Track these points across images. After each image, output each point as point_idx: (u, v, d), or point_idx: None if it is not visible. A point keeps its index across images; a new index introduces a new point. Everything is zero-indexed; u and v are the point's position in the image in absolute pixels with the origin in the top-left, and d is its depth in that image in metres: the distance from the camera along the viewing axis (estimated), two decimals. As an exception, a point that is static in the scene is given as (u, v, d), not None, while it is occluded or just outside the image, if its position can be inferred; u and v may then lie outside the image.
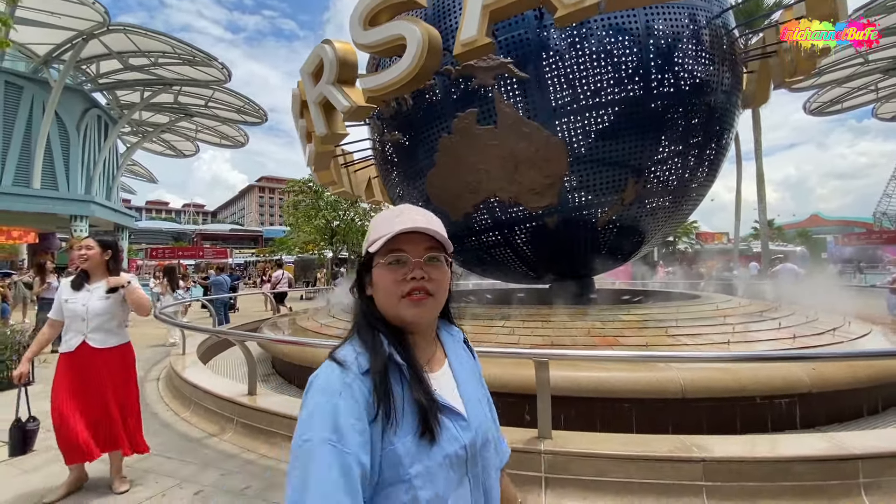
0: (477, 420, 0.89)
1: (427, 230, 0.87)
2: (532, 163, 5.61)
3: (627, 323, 5.52)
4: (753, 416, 3.99)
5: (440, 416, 0.83)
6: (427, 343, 0.94)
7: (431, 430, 0.80)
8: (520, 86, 5.49)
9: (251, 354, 4.43)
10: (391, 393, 0.80)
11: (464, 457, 0.84)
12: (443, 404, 0.85)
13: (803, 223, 58.46)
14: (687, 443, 2.92)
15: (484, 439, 0.89)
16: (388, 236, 0.86)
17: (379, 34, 4.85)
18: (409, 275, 0.86)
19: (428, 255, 0.88)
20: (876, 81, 25.76)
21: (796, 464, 2.71)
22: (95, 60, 23.48)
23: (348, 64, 5.33)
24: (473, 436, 0.86)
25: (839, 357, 3.98)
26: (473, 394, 0.94)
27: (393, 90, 4.92)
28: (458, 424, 0.85)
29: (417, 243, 0.87)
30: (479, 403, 0.94)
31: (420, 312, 0.87)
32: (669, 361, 3.88)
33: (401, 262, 0.87)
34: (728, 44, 6.09)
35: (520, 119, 5.48)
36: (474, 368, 1.01)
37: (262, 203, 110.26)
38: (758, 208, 21.98)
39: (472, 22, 4.39)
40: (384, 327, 0.89)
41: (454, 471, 0.82)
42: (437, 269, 0.88)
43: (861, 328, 5.74)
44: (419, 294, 0.86)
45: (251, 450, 3.70)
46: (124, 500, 2.95)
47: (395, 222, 0.87)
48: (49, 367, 6.96)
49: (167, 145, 34.33)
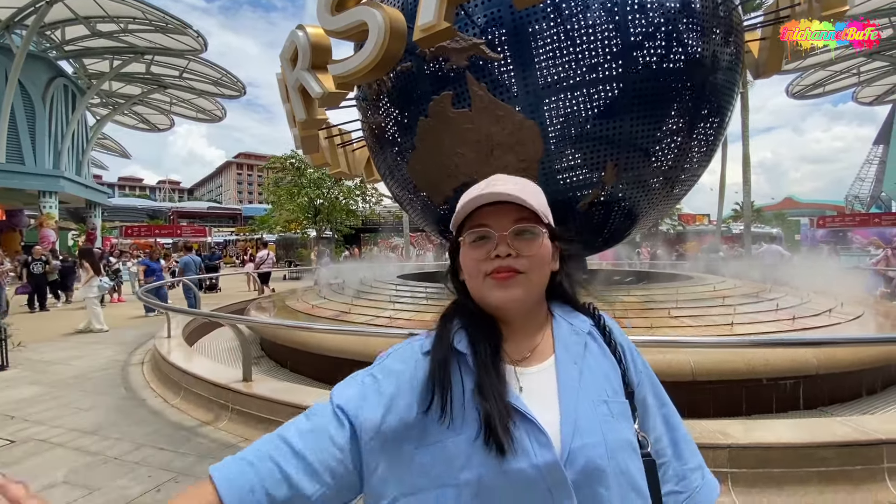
0: (573, 438, 0.67)
1: (514, 197, 0.74)
2: (507, 147, 5.43)
3: (629, 304, 5.47)
4: (759, 398, 3.99)
5: (511, 422, 0.66)
6: (528, 333, 0.78)
7: (496, 437, 0.64)
8: (493, 67, 5.22)
9: (245, 339, 4.20)
10: (449, 385, 0.69)
11: (539, 479, 0.64)
12: (516, 409, 0.67)
13: (778, 205, 59.96)
14: (711, 429, 2.84)
15: (589, 467, 0.66)
16: (468, 211, 0.77)
17: (344, 20, 4.80)
18: (494, 252, 0.74)
19: (515, 227, 0.75)
20: (859, 65, 26.12)
21: (821, 449, 2.66)
22: (60, 26, 22.02)
23: (320, 49, 5.32)
24: (555, 458, 0.65)
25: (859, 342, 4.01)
26: (584, 404, 0.70)
27: (360, 76, 4.89)
28: (533, 439, 0.66)
29: (503, 215, 0.75)
30: (594, 418, 0.69)
31: (507, 294, 0.73)
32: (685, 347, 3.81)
33: (484, 237, 0.75)
34: (725, 13, 5.70)
35: (493, 102, 5.26)
36: (608, 369, 0.77)
37: (240, 180, 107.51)
38: (742, 191, 22.28)
39: (431, 6, 4.18)
40: (474, 314, 0.77)
41: (520, 493, 0.65)
42: (530, 244, 0.75)
43: (855, 309, 5.81)
44: (504, 273, 0.73)
45: (249, 438, 3.51)
46: (115, 495, 2.74)
47: (479, 196, 0.76)
48: (24, 352, 6.63)
49: (140, 118, 32.82)
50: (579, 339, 0.78)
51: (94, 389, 4.87)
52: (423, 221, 7.66)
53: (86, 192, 26.91)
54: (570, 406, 0.70)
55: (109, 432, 3.71)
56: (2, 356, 5.72)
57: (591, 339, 0.80)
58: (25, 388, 4.94)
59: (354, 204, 25.21)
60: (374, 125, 6.68)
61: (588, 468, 0.66)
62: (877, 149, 62.37)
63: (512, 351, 0.75)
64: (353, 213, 25.37)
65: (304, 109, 5.70)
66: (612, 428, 0.70)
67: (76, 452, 3.35)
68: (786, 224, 47.29)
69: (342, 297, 6.82)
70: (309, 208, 23.81)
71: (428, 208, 6.77)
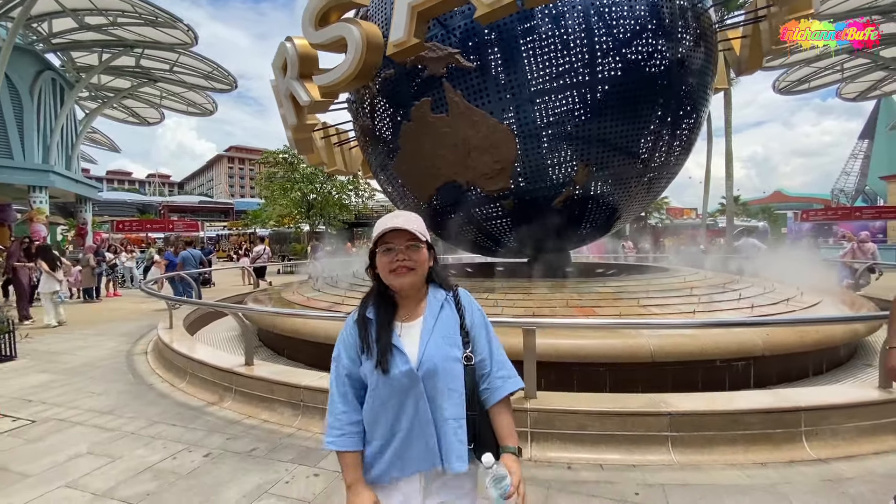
0: (424, 357, 1.28)
1: (405, 227, 1.31)
2: (483, 149, 5.80)
3: (603, 294, 5.87)
4: (714, 378, 4.40)
5: (390, 353, 1.28)
6: (413, 303, 1.38)
7: (382, 363, 1.27)
8: (468, 75, 5.56)
9: (248, 326, 4.56)
10: (368, 336, 1.32)
11: (405, 381, 1.27)
12: (394, 345, 1.29)
13: (767, 199, 60.76)
14: (655, 399, 3.27)
15: (430, 371, 1.27)
16: (380, 233, 1.32)
17: (326, 35, 5.36)
18: (395, 258, 1.30)
19: (407, 243, 1.31)
20: (842, 62, 26.66)
21: (747, 415, 3.10)
22: (47, 18, 21.85)
23: (307, 59, 5.87)
24: (412, 367, 1.27)
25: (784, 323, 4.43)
26: (434, 339, 1.31)
27: (342, 86, 5.51)
28: (400, 359, 1.28)
29: (401, 237, 1.31)
30: (435, 346, 1.30)
31: (402, 282, 1.32)
32: (642, 328, 4.24)
33: (390, 249, 1.31)
34: (693, 18, 5.95)
35: (469, 107, 5.63)
36: (452, 319, 1.36)
37: (232, 174, 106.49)
38: (725, 185, 22.80)
39: (401, 23, 4.68)
40: (380, 294, 1.39)
41: (397, 387, 1.27)
42: (416, 253, 1.32)
43: (813, 298, 6.27)
44: (401, 269, 1.30)
45: (252, 416, 3.89)
46: (137, 462, 3.10)
47: (386, 224, 1.32)
48: (31, 343, 6.92)
49: (130, 112, 32.52)
50: (437, 304, 1.38)
51: (103, 376, 5.20)
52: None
53: (76, 187, 26.83)
54: (424, 341, 1.32)
55: (123, 412, 4.07)
56: (10, 347, 6.02)
57: (447, 303, 1.39)
58: (36, 376, 5.26)
59: (347, 198, 25.43)
60: (363, 127, 7.04)
61: (429, 370, 1.28)
62: (861, 143, 63.43)
63: (402, 314, 1.37)
64: (345, 207, 25.60)
65: (295, 115, 6.18)
66: (444, 350, 1.31)
67: (95, 429, 3.70)
68: (772, 218, 48.09)
69: (336, 289, 7.18)
70: (302, 203, 24.00)
71: (417, 204, 7.14)
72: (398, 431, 1.28)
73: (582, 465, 3.00)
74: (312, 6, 5.40)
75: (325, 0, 5.37)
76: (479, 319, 1.41)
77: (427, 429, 1.27)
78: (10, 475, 2.99)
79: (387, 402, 1.28)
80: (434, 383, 1.27)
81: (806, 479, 2.77)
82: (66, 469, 3.04)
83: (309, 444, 3.37)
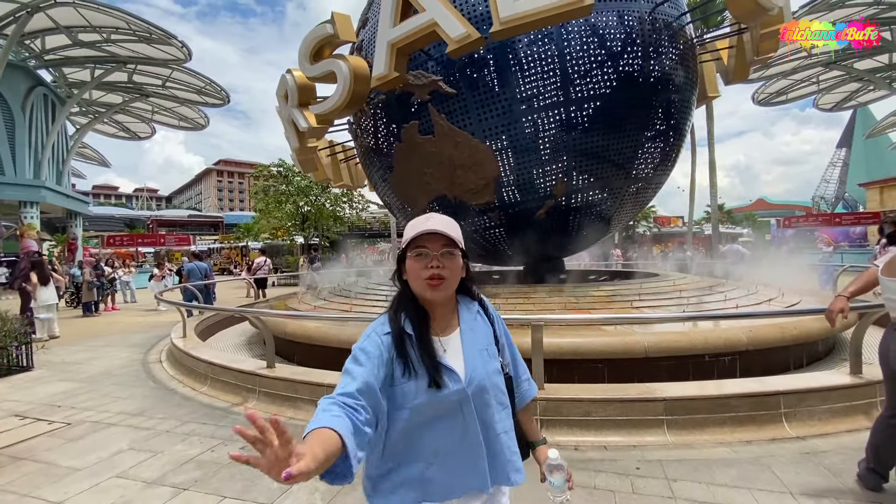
0: (473, 373, 1.20)
1: (442, 231, 1.19)
2: (467, 167, 6.26)
3: (598, 298, 6.24)
4: (703, 372, 4.77)
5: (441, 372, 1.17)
6: (446, 313, 1.28)
7: (437, 383, 1.15)
8: (451, 99, 6.00)
9: (269, 330, 4.83)
10: (407, 353, 1.17)
11: (455, 399, 1.17)
12: (442, 364, 1.18)
13: (751, 207, 62.26)
14: (652, 387, 3.62)
15: (479, 387, 1.20)
16: (414, 235, 1.20)
17: (319, 69, 6.06)
18: (429, 264, 1.18)
19: (443, 249, 1.19)
20: (818, 74, 27.83)
21: (734, 399, 3.45)
22: (41, 35, 21.98)
23: (305, 89, 6.54)
24: (464, 386, 1.18)
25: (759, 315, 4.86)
26: (475, 353, 1.24)
27: (335, 114, 6.18)
28: (451, 378, 1.17)
29: (436, 241, 1.19)
30: (480, 360, 1.24)
31: (436, 293, 1.20)
32: (642, 322, 4.63)
33: (423, 255, 1.19)
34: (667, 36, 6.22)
35: (452, 129, 6.09)
36: (486, 330, 1.31)
37: (221, 187, 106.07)
38: (710, 194, 23.54)
39: (381, 59, 5.39)
40: (411, 303, 1.24)
41: (446, 407, 1.17)
42: (451, 260, 1.20)
43: (793, 298, 6.72)
44: (436, 280, 1.18)
45: (279, 414, 4.14)
46: (179, 455, 3.35)
47: (421, 226, 1.20)
48: (48, 354, 7.07)
49: (120, 127, 32.59)
50: (472, 315, 1.32)
51: (124, 383, 5.41)
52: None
53: (66, 202, 26.79)
54: (468, 356, 1.23)
55: (153, 413, 4.30)
56: (28, 357, 6.18)
57: (478, 314, 1.34)
58: (58, 385, 5.44)
59: (341, 210, 25.71)
60: (362, 147, 7.59)
61: (478, 387, 1.20)
62: (840, 152, 65.55)
63: (436, 326, 1.25)
64: (340, 219, 25.86)
65: (297, 139, 6.80)
66: (488, 363, 1.26)
67: (130, 429, 3.93)
68: (756, 225, 49.32)
69: (342, 298, 7.46)
70: (296, 215, 24.22)
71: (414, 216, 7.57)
72: (442, 454, 1.18)
73: (588, 446, 3.32)
74: (306, 43, 6.13)
75: (316, 39, 6.11)
76: (501, 327, 1.40)
77: (477, 449, 1.20)
78: (59, 469, 3.21)
79: (431, 423, 1.16)
80: (484, 399, 1.21)
81: (786, 452, 3.12)
82: (113, 462, 3.28)
83: (335, 436, 3.63)
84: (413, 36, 5.18)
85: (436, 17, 4.94)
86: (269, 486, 2.90)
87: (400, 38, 5.26)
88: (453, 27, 4.85)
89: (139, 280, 19.41)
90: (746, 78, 7.75)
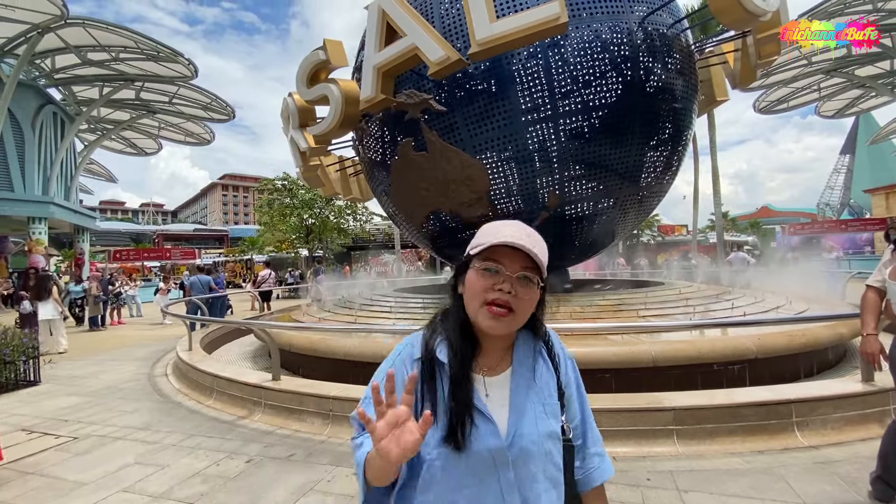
0: (518, 431, 0.91)
1: (527, 249, 0.89)
2: (460, 181, 6.33)
3: (604, 307, 6.21)
4: (711, 381, 4.71)
5: (471, 420, 0.88)
6: (499, 347, 0.99)
7: (455, 437, 0.87)
8: (443, 117, 6.08)
9: (275, 343, 4.83)
10: (435, 389, 0.91)
11: (488, 461, 0.88)
12: (477, 408, 0.90)
13: (755, 214, 62.04)
14: (660, 397, 3.58)
15: (524, 452, 0.90)
16: (490, 244, 0.91)
17: (314, 92, 6.40)
18: (499, 286, 0.90)
19: (522, 272, 0.91)
20: (819, 82, 27.89)
21: (744, 408, 3.41)
22: (51, 55, 22.48)
23: (304, 111, 7.01)
24: (501, 444, 0.89)
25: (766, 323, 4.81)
26: (526, 405, 0.95)
27: (331, 134, 6.53)
28: (489, 430, 0.89)
29: (515, 259, 0.91)
30: (531, 415, 0.94)
31: (496, 326, 0.91)
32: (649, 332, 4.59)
33: (495, 271, 0.91)
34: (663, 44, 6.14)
35: (444, 145, 6.18)
36: (549, 379, 1.00)
37: (225, 202, 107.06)
38: (713, 202, 23.50)
39: (368, 82, 5.66)
40: (459, 325, 0.96)
41: (476, 468, 0.88)
42: (527, 289, 0.91)
43: (801, 306, 6.66)
44: (501, 309, 0.90)
45: (284, 426, 4.13)
46: (185, 469, 3.33)
47: (501, 234, 0.92)
48: (55, 368, 7.09)
49: (128, 143, 33.04)
50: (530, 356, 1.00)
51: (130, 397, 5.41)
52: (413, 237, 8.52)
53: (74, 218, 27.06)
54: (516, 407, 0.93)
55: (159, 427, 4.29)
56: (35, 372, 6.20)
57: (539, 355, 1.02)
58: (65, 399, 5.45)
59: (345, 223, 25.85)
60: (364, 162, 7.79)
61: (523, 451, 0.90)
62: (843, 158, 65.36)
63: (483, 362, 0.97)
64: (343, 231, 25.99)
65: (300, 157, 7.22)
66: (543, 423, 0.94)
67: (137, 443, 3.93)
68: (760, 232, 49.10)
69: (347, 310, 7.46)
70: (301, 228, 24.37)
71: (413, 229, 7.71)
72: None
73: (597, 457, 3.27)
74: (302, 69, 6.47)
75: (310, 64, 6.43)
76: (573, 372, 1.08)
77: None
78: (66, 483, 3.20)
79: (458, 489, 0.88)
80: (528, 471, 0.91)
81: (799, 462, 3.07)
82: (119, 477, 3.27)
83: (342, 449, 3.62)
84: (396, 60, 5.46)
85: (416, 41, 5.15)
86: (274, 498, 2.88)
87: (384, 63, 5.54)
88: (433, 50, 5.05)
89: (145, 294, 19.52)
90: (753, 81, 7.68)
